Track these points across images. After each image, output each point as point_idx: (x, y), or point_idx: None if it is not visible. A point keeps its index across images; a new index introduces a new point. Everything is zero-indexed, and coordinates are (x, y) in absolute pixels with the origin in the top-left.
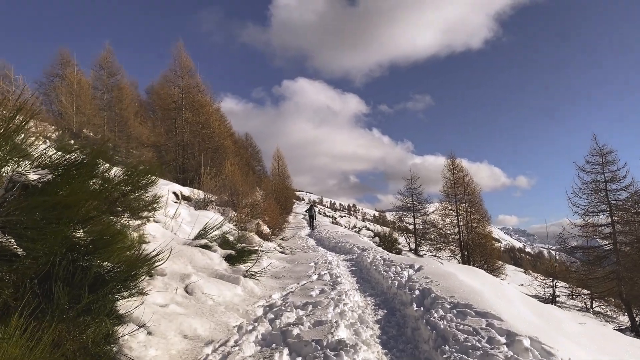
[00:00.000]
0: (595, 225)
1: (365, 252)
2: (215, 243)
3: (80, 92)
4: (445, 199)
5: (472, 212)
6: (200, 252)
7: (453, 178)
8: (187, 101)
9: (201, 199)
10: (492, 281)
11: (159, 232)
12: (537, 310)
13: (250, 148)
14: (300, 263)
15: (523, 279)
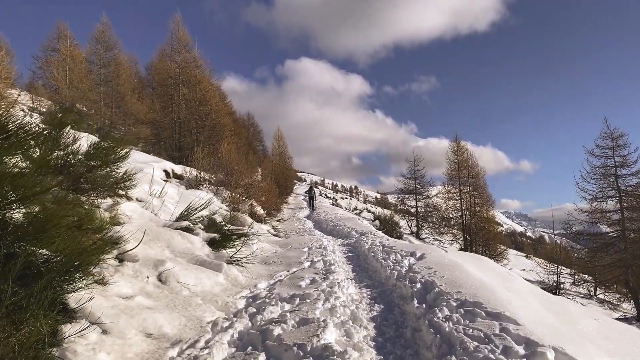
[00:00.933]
0: (604, 212)
1: (363, 236)
2: (199, 225)
3: (73, 66)
4: (448, 182)
5: (475, 195)
6: (180, 235)
7: (457, 161)
8: (184, 76)
9: (193, 177)
10: (500, 272)
11: (137, 212)
12: (550, 306)
13: (252, 128)
14: (294, 248)
15: (525, 264)
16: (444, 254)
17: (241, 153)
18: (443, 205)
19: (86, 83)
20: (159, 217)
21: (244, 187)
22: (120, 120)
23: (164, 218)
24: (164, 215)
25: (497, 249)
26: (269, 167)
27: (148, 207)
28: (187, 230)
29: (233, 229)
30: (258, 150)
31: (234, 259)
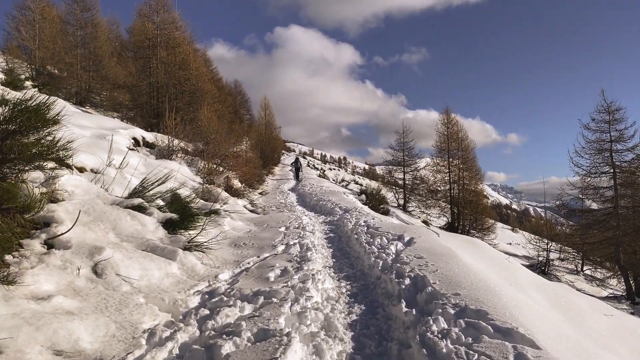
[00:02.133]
0: (597, 188)
1: (347, 213)
2: (156, 202)
3: (43, 25)
4: (437, 154)
5: (464, 168)
6: (129, 216)
7: (447, 133)
8: (162, 38)
9: (165, 146)
10: (498, 259)
11: (82, 187)
12: (557, 301)
13: (240, 96)
14: (270, 227)
15: (510, 237)
16: (435, 238)
17: (225, 121)
18: (431, 178)
19: (59, 44)
20: (112, 192)
21: (220, 158)
22: (98, 84)
23: (118, 194)
24: (120, 190)
25: (485, 223)
26: (254, 137)
27: (98, 180)
28: (139, 209)
29: (202, 206)
30: (245, 119)
31: (193, 243)
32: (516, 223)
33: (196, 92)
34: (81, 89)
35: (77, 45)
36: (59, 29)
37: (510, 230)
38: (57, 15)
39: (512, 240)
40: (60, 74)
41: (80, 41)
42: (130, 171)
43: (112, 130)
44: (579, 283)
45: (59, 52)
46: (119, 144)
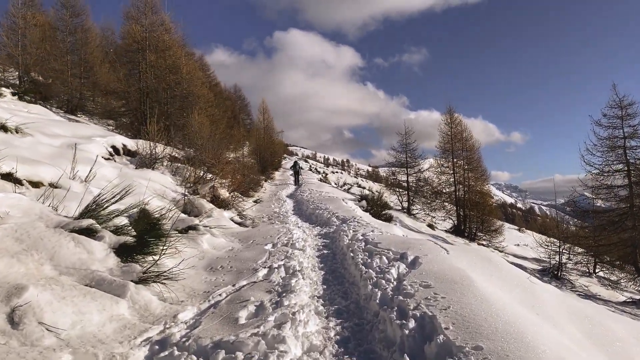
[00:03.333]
0: (610, 187)
1: (344, 224)
2: (111, 224)
3: (26, 30)
4: (441, 155)
5: (469, 169)
6: (73, 242)
7: (451, 133)
8: (151, 41)
9: (145, 154)
10: (519, 279)
11: (22, 207)
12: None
13: (239, 101)
14: (255, 243)
15: (518, 238)
16: (444, 257)
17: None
18: (435, 179)
19: (46, 49)
20: (65, 211)
21: (207, 165)
22: (90, 91)
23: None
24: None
25: (493, 224)
26: (253, 142)
27: (49, 197)
28: (87, 232)
29: (178, 222)
30: (246, 124)
31: (151, 273)
32: (522, 222)
33: (188, 96)
34: (72, 96)
35: (67, 52)
36: (45, 35)
37: (517, 230)
38: (47, 21)
39: (519, 241)
40: (45, 80)
41: (70, 47)
42: (101, 184)
43: (87, 138)
44: (594, 287)
45: (48, 59)
46: (91, 153)
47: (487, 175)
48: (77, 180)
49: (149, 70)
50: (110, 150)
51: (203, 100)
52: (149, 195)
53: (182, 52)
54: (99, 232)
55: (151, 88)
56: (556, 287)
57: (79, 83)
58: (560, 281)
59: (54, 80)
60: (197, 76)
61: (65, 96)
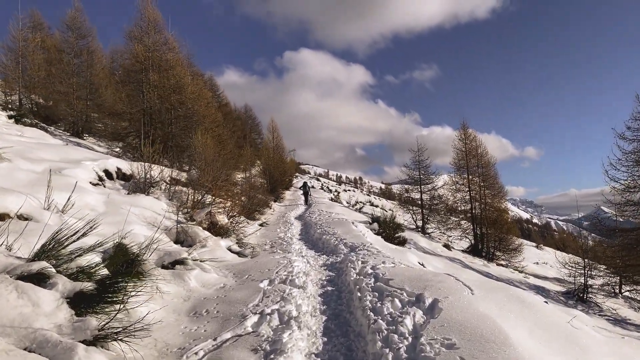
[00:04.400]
0: (638, 204)
1: (353, 253)
2: (73, 265)
3: (26, 52)
4: (456, 172)
5: (485, 186)
6: (16, 292)
7: (465, 149)
8: (154, 61)
9: (140, 178)
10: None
11: None
12: None
13: (250, 120)
14: (251, 279)
15: (537, 255)
16: (468, 299)
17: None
18: (450, 197)
19: (51, 71)
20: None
21: (206, 189)
22: (95, 113)
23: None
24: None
25: (511, 243)
26: (263, 162)
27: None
28: (39, 278)
29: (165, 255)
30: (257, 144)
31: (111, 329)
32: (539, 238)
33: (192, 116)
34: (77, 118)
35: (73, 74)
36: (51, 57)
37: (534, 247)
38: (52, 43)
39: (538, 258)
40: (47, 102)
41: (75, 69)
42: (83, 213)
43: (76, 162)
44: (622, 309)
45: (53, 81)
46: (77, 179)
47: (504, 192)
48: (52, 210)
49: (152, 90)
50: (102, 175)
51: (209, 120)
52: (138, 224)
53: (186, 71)
54: (51, 277)
55: (154, 108)
56: (583, 312)
57: (84, 105)
58: (586, 304)
59: (59, 102)
60: (202, 95)
61: (71, 118)
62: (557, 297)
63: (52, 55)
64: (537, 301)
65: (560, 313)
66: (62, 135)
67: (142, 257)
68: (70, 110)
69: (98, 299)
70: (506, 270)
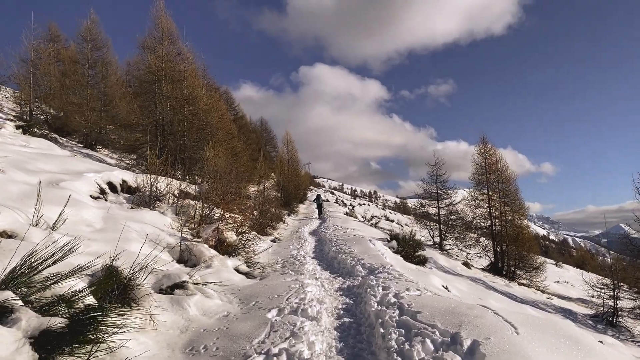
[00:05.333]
0: None
1: (372, 275)
2: (48, 294)
3: (37, 62)
4: (475, 187)
5: (506, 202)
6: None
7: (485, 164)
8: (167, 71)
9: (145, 191)
10: None
11: None
12: None
13: (265, 133)
14: (258, 307)
15: (556, 274)
16: (513, 341)
17: (243, 158)
18: (470, 213)
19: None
20: None
21: (214, 203)
22: (108, 124)
23: None
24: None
25: (533, 262)
26: (277, 175)
27: None
28: (2, 312)
29: (164, 277)
30: (272, 156)
31: None
32: (558, 255)
33: (205, 128)
34: (91, 130)
35: (87, 85)
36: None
37: (554, 264)
38: (67, 55)
39: (558, 277)
40: (57, 113)
41: (90, 81)
42: (78, 230)
43: (77, 174)
44: None
45: (66, 92)
46: (75, 192)
47: (525, 209)
48: (41, 227)
49: (164, 101)
50: (104, 188)
51: (222, 133)
52: (138, 241)
53: (200, 82)
54: (15, 311)
55: (167, 120)
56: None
57: (98, 116)
58: (616, 329)
59: (72, 114)
60: (216, 107)
61: (85, 130)
62: (584, 320)
63: (67, 67)
64: (593, 342)
65: (619, 356)
66: (73, 147)
67: (136, 282)
68: (84, 121)
69: (70, 338)
70: (529, 291)
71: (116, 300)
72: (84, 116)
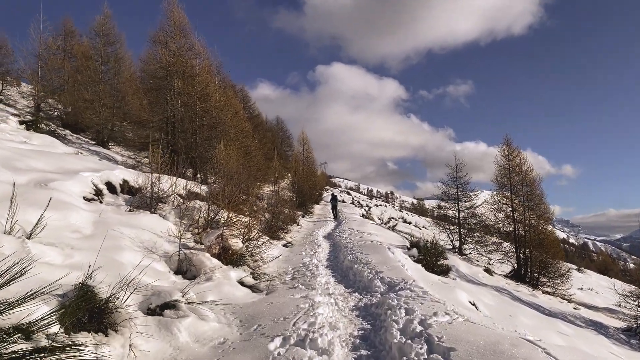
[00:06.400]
0: None
1: (392, 293)
2: None
3: (46, 56)
4: (498, 190)
5: (529, 206)
6: None
7: (509, 166)
8: (179, 67)
9: (146, 192)
10: None
11: None
12: None
13: (282, 132)
14: (260, 332)
15: (580, 280)
16: None
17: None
18: (492, 217)
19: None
20: None
21: (222, 205)
22: (121, 121)
23: None
24: None
25: (558, 269)
26: (292, 175)
27: None
28: None
29: (154, 294)
30: (288, 156)
31: None
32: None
33: (217, 125)
34: (103, 126)
35: (100, 81)
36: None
37: (576, 270)
38: (80, 50)
39: (581, 283)
40: (65, 109)
41: (103, 77)
42: (62, 236)
43: (72, 173)
44: None
45: (78, 88)
46: (66, 193)
47: (550, 213)
48: (15, 234)
49: (175, 98)
50: (102, 188)
51: (235, 131)
52: (131, 250)
53: (212, 78)
54: None
55: (177, 117)
56: None
57: (111, 113)
58: None
59: (84, 110)
60: (230, 105)
61: (97, 126)
62: (617, 334)
63: (80, 63)
64: None
65: None
66: (82, 144)
67: (115, 303)
68: (96, 118)
69: None
70: (554, 300)
71: (89, 327)
72: (96, 112)
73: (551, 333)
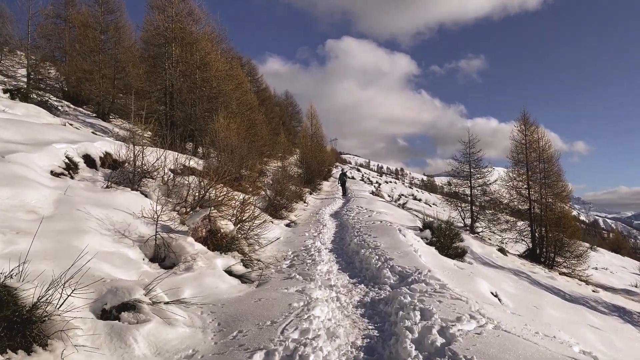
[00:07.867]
0: None
1: (405, 286)
2: None
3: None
4: (514, 166)
5: (546, 184)
6: None
7: (525, 141)
8: (177, 33)
9: (128, 166)
10: None
11: None
12: None
13: (290, 107)
14: (239, 343)
15: (594, 259)
16: None
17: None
18: (506, 195)
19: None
20: None
21: (215, 181)
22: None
23: None
24: None
25: (576, 249)
26: (300, 150)
27: None
28: None
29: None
30: (297, 131)
31: None
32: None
33: (218, 96)
34: (102, 98)
35: (99, 51)
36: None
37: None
38: (78, 18)
39: (596, 262)
40: (59, 79)
41: (103, 46)
42: (15, 217)
43: (42, 144)
44: None
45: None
46: (28, 167)
47: (568, 191)
48: None
49: (173, 66)
50: (78, 161)
51: (237, 103)
52: (98, 234)
53: (214, 46)
54: None
55: (175, 87)
56: None
57: (111, 84)
58: None
59: (83, 81)
60: (233, 75)
61: (97, 98)
62: None
63: (79, 32)
64: None
65: None
66: (77, 116)
67: (46, 309)
68: (95, 89)
69: None
70: (572, 282)
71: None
72: (95, 84)
73: (582, 328)
